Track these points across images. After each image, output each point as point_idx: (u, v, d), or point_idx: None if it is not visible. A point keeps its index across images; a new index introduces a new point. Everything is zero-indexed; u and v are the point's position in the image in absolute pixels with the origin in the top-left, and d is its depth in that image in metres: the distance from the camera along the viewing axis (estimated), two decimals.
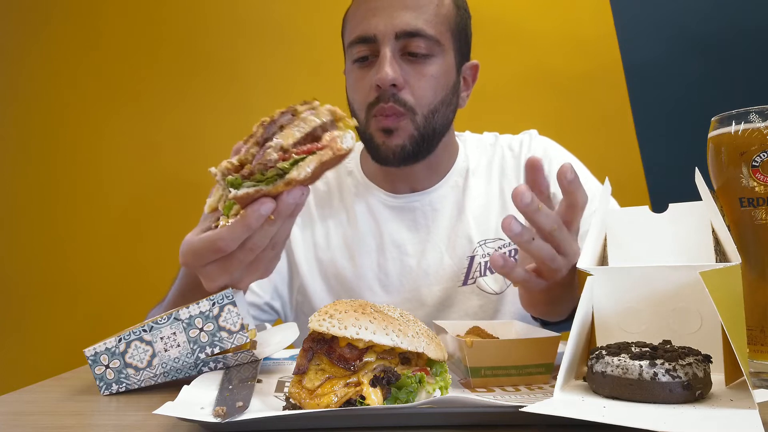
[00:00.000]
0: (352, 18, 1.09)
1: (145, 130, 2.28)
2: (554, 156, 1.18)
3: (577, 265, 0.67)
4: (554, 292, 0.77)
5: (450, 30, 1.07)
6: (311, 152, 0.62)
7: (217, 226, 0.66)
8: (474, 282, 1.11)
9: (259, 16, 2.26)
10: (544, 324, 0.89)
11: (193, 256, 0.68)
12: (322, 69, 2.12)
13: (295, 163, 0.61)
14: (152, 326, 0.69)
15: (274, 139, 0.62)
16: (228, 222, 0.64)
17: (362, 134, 1.09)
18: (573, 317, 0.61)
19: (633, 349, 0.57)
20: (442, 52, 1.06)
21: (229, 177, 0.63)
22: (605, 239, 0.74)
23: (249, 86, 2.25)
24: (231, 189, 0.62)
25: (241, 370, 0.68)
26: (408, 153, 1.05)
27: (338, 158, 0.63)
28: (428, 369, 0.58)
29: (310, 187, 0.65)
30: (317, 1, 2.17)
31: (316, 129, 0.64)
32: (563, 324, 0.88)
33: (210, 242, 0.65)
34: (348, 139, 0.64)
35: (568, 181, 0.68)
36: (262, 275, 0.73)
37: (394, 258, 1.14)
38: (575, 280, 0.78)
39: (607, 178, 0.77)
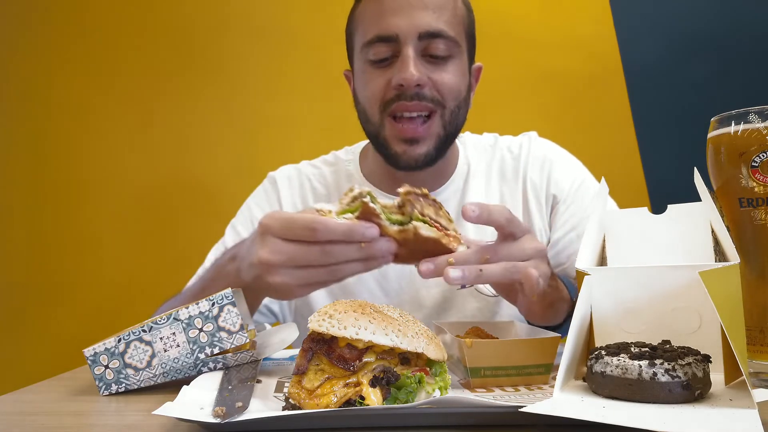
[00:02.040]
0: (364, 17, 1.06)
1: (145, 132, 2.29)
2: (554, 158, 1.18)
3: (576, 265, 0.67)
4: (547, 298, 0.78)
5: (464, 31, 1.06)
6: (438, 230, 0.69)
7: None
8: (472, 284, 1.11)
9: (262, 20, 2.26)
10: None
11: (281, 222, 0.69)
12: (324, 73, 2.12)
13: (425, 223, 0.68)
14: (152, 326, 0.69)
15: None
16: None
17: (375, 137, 1.06)
18: (570, 319, 0.61)
19: (632, 349, 0.57)
20: (460, 54, 1.04)
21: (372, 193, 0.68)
22: (604, 240, 0.74)
23: (251, 89, 2.25)
24: (368, 197, 0.67)
25: (241, 370, 0.68)
26: (431, 158, 1.04)
27: (442, 250, 0.69)
28: (428, 369, 0.58)
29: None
30: (319, 4, 2.17)
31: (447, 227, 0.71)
32: (561, 327, 0.88)
33: (310, 220, 0.66)
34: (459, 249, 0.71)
35: (477, 217, 0.69)
36: (288, 293, 0.72)
37: None
38: (557, 280, 0.78)
39: (603, 179, 0.77)
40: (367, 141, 1.15)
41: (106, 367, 0.69)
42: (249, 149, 2.23)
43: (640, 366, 0.53)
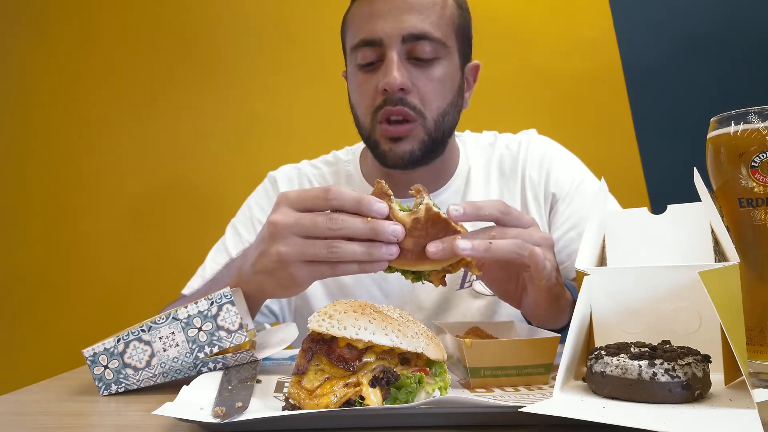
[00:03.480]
0: (353, 20, 1.06)
1: (144, 133, 2.29)
2: (554, 156, 1.18)
3: (576, 266, 0.67)
4: (553, 290, 0.78)
5: (454, 32, 1.05)
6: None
7: None
8: (470, 285, 1.11)
9: (257, 20, 2.26)
10: None
11: (298, 192, 0.73)
12: (319, 74, 2.12)
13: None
14: (150, 326, 0.69)
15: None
16: None
17: (367, 140, 1.07)
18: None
19: (632, 349, 0.57)
20: (448, 55, 1.03)
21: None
22: (603, 240, 0.74)
23: (246, 91, 2.25)
24: (384, 181, 0.69)
25: (241, 370, 0.68)
26: (417, 157, 1.03)
27: (450, 233, 0.68)
28: (428, 369, 0.58)
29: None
30: (322, 7, 2.17)
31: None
32: (563, 332, 0.88)
33: (327, 187, 0.70)
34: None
35: (464, 216, 0.69)
36: (285, 270, 0.72)
37: None
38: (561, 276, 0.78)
39: (603, 178, 0.77)
40: None
41: (106, 367, 0.69)
42: (245, 150, 2.24)
43: (640, 366, 0.53)
